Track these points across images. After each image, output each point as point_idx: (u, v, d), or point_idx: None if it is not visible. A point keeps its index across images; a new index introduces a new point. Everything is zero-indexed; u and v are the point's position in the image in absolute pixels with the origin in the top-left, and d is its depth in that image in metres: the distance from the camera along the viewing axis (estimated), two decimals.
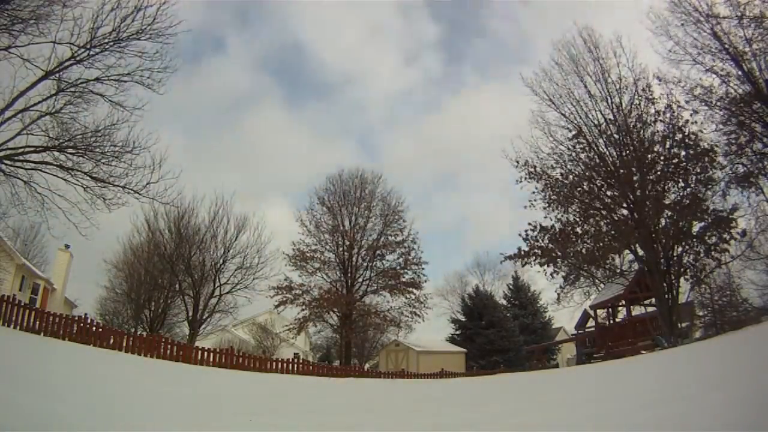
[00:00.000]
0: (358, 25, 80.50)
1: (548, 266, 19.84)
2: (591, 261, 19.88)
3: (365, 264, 29.87)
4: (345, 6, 75.40)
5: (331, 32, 75.73)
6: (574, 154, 19.72)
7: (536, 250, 19.94)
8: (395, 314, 29.54)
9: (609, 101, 19.10)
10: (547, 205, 19.97)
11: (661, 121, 18.74)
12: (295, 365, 18.71)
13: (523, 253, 20.12)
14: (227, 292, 26.73)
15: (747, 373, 5.51)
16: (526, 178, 20.05)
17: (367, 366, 33.43)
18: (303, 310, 28.57)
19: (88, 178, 13.30)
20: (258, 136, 72.69)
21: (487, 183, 73.30)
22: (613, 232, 19.16)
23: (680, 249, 18.13)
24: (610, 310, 22.69)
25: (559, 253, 19.69)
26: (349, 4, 77.17)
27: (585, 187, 19.54)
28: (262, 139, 72.84)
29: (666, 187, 18.56)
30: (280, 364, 18.15)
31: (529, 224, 20.25)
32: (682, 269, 18.15)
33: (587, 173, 19.61)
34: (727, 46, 15.49)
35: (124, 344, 15.00)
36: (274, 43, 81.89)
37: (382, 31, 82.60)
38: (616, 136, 19.01)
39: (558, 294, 20.82)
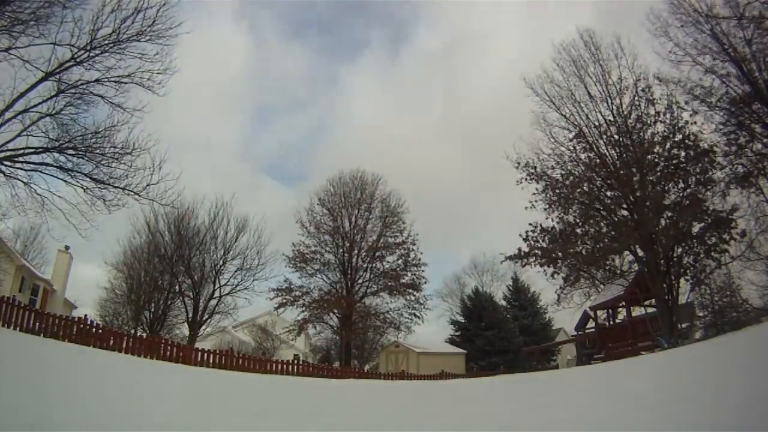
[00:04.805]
0: None
1: (548, 267, 19.85)
2: (591, 262, 19.86)
3: (365, 265, 29.86)
4: None
5: None
6: (574, 155, 19.75)
7: (536, 251, 19.96)
8: (395, 315, 29.56)
9: (609, 102, 19.12)
10: (547, 206, 20.01)
11: (661, 121, 18.77)
12: (295, 366, 18.71)
13: (523, 253, 20.14)
14: (227, 294, 26.83)
15: (747, 374, 5.50)
16: (526, 179, 20.11)
17: (366, 367, 33.38)
18: (303, 311, 28.60)
19: (88, 179, 13.28)
20: None
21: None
22: (613, 232, 19.15)
23: (680, 250, 18.10)
24: (610, 311, 22.67)
25: (559, 254, 19.68)
26: None
27: (585, 187, 19.53)
28: None
29: (666, 187, 18.54)
30: (280, 365, 18.15)
31: (530, 225, 20.29)
32: (682, 270, 18.12)
33: (587, 174, 19.61)
34: (726, 46, 15.49)
35: (124, 345, 15.00)
36: None
37: None
38: (616, 137, 19.01)
39: (558, 295, 20.78)
